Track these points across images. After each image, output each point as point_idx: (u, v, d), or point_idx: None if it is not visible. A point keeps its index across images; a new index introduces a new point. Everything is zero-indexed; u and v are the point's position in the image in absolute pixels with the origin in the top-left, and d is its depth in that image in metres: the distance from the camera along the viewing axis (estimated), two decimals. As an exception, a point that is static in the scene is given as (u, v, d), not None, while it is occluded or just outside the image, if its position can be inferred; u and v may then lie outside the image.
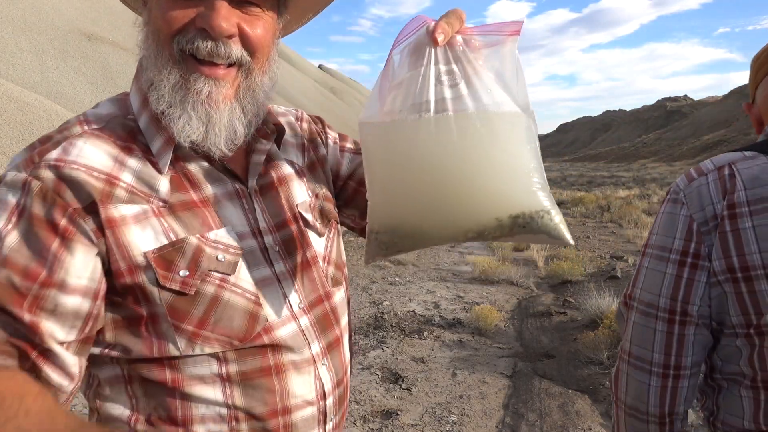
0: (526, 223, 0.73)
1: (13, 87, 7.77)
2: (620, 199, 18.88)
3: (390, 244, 0.77)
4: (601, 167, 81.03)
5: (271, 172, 0.92)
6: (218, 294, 0.78)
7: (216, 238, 0.80)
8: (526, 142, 0.75)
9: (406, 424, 3.36)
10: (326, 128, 1.09)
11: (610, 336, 4.37)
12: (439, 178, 0.72)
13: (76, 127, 0.80)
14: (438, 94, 0.74)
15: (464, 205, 0.73)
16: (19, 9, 11.39)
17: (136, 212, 0.76)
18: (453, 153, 0.72)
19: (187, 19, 0.76)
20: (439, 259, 8.77)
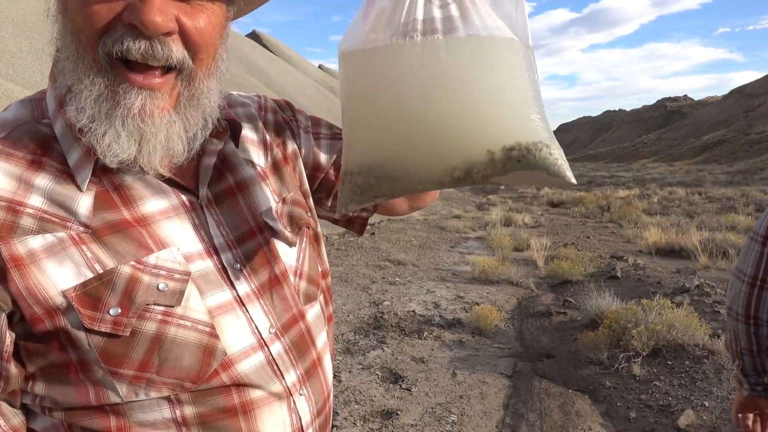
0: (521, 156, 0.63)
1: (13, 87, 7.76)
2: (620, 199, 18.88)
3: (366, 187, 0.67)
4: (601, 167, 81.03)
5: (228, 177, 0.78)
6: (161, 331, 0.66)
7: (157, 262, 0.66)
8: (524, 71, 0.67)
9: (406, 424, 3.35)
10: (296, 114, 0.95)
11: (610, 336, 4.37)
12: (424, 106, 0.64)
13: None
14: (426, 13, 0.66)
15: (451, 136, 0.63)
16: (19, 9, 11.38)
17: (48, 243, 0.62)
18: (440, 78, 0.64)
19: (112, 13, 0.60)
20: (439, 259, 8.77)
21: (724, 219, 12.01)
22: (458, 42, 0.65)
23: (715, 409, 3.32)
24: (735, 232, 10.22)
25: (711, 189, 23.70)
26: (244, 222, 0.77)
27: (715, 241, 8.60)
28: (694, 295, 5.58)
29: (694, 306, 5.06)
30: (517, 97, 0.65)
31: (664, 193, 21.49)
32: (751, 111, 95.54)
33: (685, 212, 14.76)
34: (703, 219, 12.47)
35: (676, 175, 40.33)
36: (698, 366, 3.89)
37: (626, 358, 4.06)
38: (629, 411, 3.49)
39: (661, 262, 8.25)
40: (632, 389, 3.77)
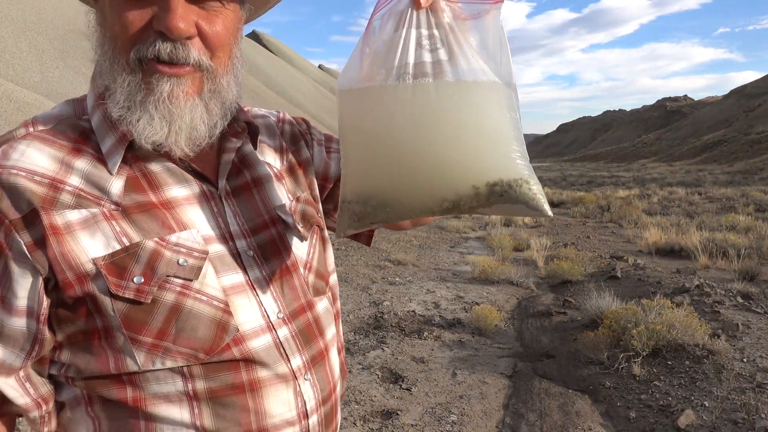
0: (503, 192, 0.70)
1: (13, 87, 7.76)
2: (620, 199, 18.88)
3: (363, 214, 0.73)
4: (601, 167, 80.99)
5: (245, 173, 0.86)
6: (179, 302, 0.72)
7: (178, 240, 0.74)
8: (506, 111, 0.73)
9: (406, 424, 3.35)
10: (311, 129, 1.04)
11: (610, 336, 4.37)
12: (415, 144, 0.70)
13: (21, 130, 0.75)
14: (417, 57, 0.72)
15: (440, 172, 0.70)
16: (19, 9, 11.39)
17: (83, 217, 0.71)
18: (430, 119, 0.70)
19: (143, 22, 0.70)
20: (439, 259, 8.77)
21: (724, 219, 12.01)
22: (446, 86, 0.71)
23: (715, 409, 3.32)
24: (735, 232, 10.22)
25: (711, 189, 23.70)
26: (258, 214, 0.84)
27: (715, 241, 8.60)
28: (694, 295, 5.58)
29: (694, 306, 5.07)
30: (499, 137, 0.72)
31: (664, 193, 21.48)
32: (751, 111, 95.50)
33: (685, 212, 14.77)
34: (703, 219, 12.47)
35: (676, 175, 40.33)
36: (698, 366, 3.89)
37: (626, 358, 4.06)
38: (629, 411, 3.49)
39: (661, 262, 8.25)
40: (632, 389, 3.77)
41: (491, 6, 0.75)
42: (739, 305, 5.27)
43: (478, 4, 0.75)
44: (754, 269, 6.85)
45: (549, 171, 63.93)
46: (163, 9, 0.69)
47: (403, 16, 0.73)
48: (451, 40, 0.74)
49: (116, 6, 0.70)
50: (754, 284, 6.28)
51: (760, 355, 3.99)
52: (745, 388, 3.53)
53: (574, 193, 20.92)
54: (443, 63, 0.72)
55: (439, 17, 0.74)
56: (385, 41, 0.73)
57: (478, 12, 0.75)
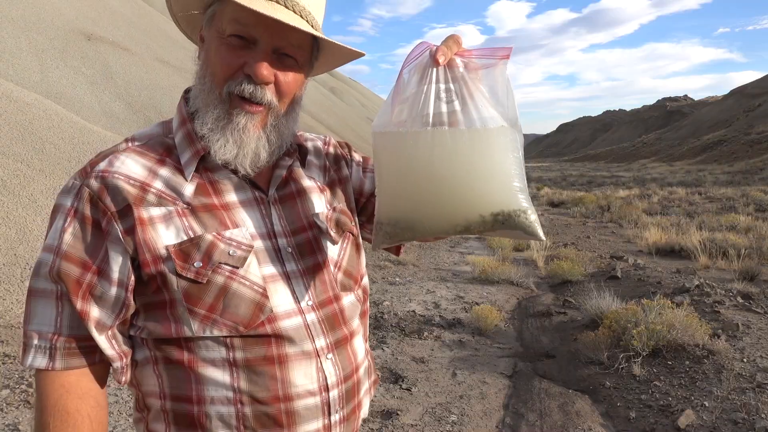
0: (504, 220, 0.86)
1: (13, 87, 7.77)
2: (620, 199, 18.88)
3: (393, 234, 0.91)
4: (601, 167, 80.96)
5: (292, 185, 1.04)
6: (227, 284, 0.89)
7: (231, 236, 0.92)
8: (509, 152, 0.88)
9: (406, 424, 3.35)
10: (352, 152, 1.22)
11: (610, 336, 4.37)
12: (434, 180, 0.86)
13: (122, 144, 0.96)
14: (436, 108, 0.88)
15: (453, 203, 0.86)
16: (19, 9, 11.39)
17: (162, 213, 0.90)
18: (445, 160, 0.86)
19: (238, 66, 0.89)
20: (439, 259, 8.77)
21: (724, 219, 12.01)
22: (459, 133, 0.87)
23: (715, 409, 3.32)
24: (735, 232, 10.21)
25: (711, 189, 23.70)
26: (298, 219, 1.02)
27: (715, 241, 8.61)
28: (694, 295, 5.58)
29: (694, 306, 5.07)
30: (503, 175, 0.87)
31: (664, 193, 21.48)
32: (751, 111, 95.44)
33: (685, 212, 14.77)
34: (703, 219, 12.47)
35: (676, 175, 40.33)
36: (698, 366, 3.89)
37: (626, 358, 4.06)
38: (629, 411, 3.49)
39: (661, 262, 8.25)
40: (632, 389, 3.77)
41: (498, 60, 0.89)
42: (739, 305, 5.27)
43: (487, 59, 0.90)
44: (754, 269, 6.85)
45: (549, 171, 63.90)
46: (254, 59, 0.89)
47: (426, 72, 0.89)
48: (464, 92, 0.88)
49: (221, 51, 0.90)
50: (754, 284, 6.28)
51: (760, 355, 3.99)
52: (745, 388, 3.53)
53: (574, 193, 20.92)
54: (457, 113, 0.88)
55: (455, 72, 0.89)
56: (411, 93, 0.89)
57: (488, 65, 0.90)
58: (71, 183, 0.92)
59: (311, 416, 0.94)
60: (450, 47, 0.88)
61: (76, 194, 0.89)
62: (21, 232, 5.32)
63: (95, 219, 0.88)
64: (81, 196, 0.89)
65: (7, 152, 6.44)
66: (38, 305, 0.88)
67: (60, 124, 7.47)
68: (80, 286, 0.87)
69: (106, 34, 12.55)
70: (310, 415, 0.94)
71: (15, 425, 3.09)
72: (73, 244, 0.87)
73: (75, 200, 0.89)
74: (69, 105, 9.37)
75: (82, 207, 0.88)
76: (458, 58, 0.89)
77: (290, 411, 0.92)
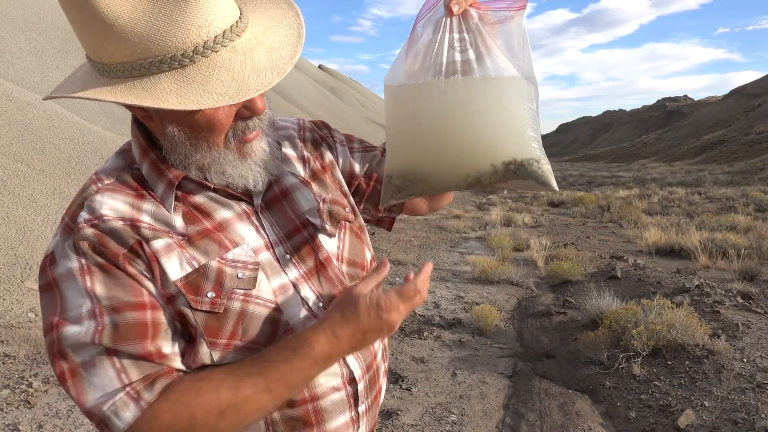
0: (517, 169, 0.84)
1: (13, 87, 7.77)
2: (620, 199, 18.88)
3: (402, 187, 0.90)
4: (601, 167, 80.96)
5: (274, 187, 0.98)
6: (244, 308, 0.86)
7: (234, 257, 0.87)
8: (524, 102, 0.86)
9: (406, 424, 3.35)
10: (332, 132, 1.15)
11: (610, 336, 4.37)
12: (446, 130, 0.84)
13: (92, 186, 0.87)
14: (449, 57, 0.86)
15: (465, 153, 0.84)
16: (19, 9, 11.38)
17: (162, 246, 0.83)
18: (458, 109, 0.84)
19: (233, 114, 0.83)
20: (439, 259, 8.77)
21: (724, 219, 12.01)
22: (472, 82, 0.85)
23: (715, 409, 3.32)
24: (735, 232, 10.21)
25: (711, 189, 23.70)
26: (290, 221, 0.97)
27: (715, 241, 8.60)
28: (694, 295, 5.58)
29: (694, 306, 5.07)
30: (516, 124, 0.85)
31: (664, 193, 21.48)
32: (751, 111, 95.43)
33: (685, 212, 14.76)
34: (703, 219, 12.47)
35: (676, 175, 40.32)
36: (698, 366, 3.89)
37: (626, 358, 4.06)
38: (629, 411, 3.49)
39: (661, 262, 8.25)
40: (632, 389, 3.76)
41: (515, 12, 0.87)
42: (739, 305, 5.27)
43: (504, 11, 0.88)
44: (754, 269, 6.85)
45: (549, 171, 63.74)
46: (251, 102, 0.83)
47: (440, 23, 0.87)
48: (479, 41, 0.86)
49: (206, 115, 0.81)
50: (754, 284, 6.28)
51: (760, 355, 3.99)
52: (745, 388, 3.53)
53: (574, 193, 20.92)
54: (471, 62, 0.86)
55: (469, 23, 0.87)
56: (424, 44, 0.88)
57: (504, 17, 0.88)
58: (60, 246, 0.81)
59: (339, 411, 0.94)
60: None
61: (76, 252, 0.80)
62: (21, 232, 5.32)
63: (114, 263, 0.80)
64: (82, 251, 0.79)
65: (7, 152, 6.44)
66: (91, 377, 0.77)
67: (60, 124, 7.47)
68: (146, 329, 0.79)
69: (106, 34, 12.51)
70: (337, 410, 0.94)
71: (15, 425, 3.09)
72: (113, 294, 0.78)
73: (79, 257, 0.79)
74: (69, 105, 9.36)
75: (93, 259, 0.79)
76: (473, 10, 0.88)
77: (318, 409, 0.92)
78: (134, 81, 0.76)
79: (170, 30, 0.72)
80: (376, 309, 0.83)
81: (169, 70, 0.75)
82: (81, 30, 0.75)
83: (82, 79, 0.80)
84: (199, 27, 0.73)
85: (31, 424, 3.12)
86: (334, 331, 0.83)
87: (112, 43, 0.73)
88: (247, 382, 0.79)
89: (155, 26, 0.72)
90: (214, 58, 0.76)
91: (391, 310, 0.83)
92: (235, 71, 0.76)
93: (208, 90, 0.75)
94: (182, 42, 0.73)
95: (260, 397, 0.80)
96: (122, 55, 0.74)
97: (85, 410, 0.77)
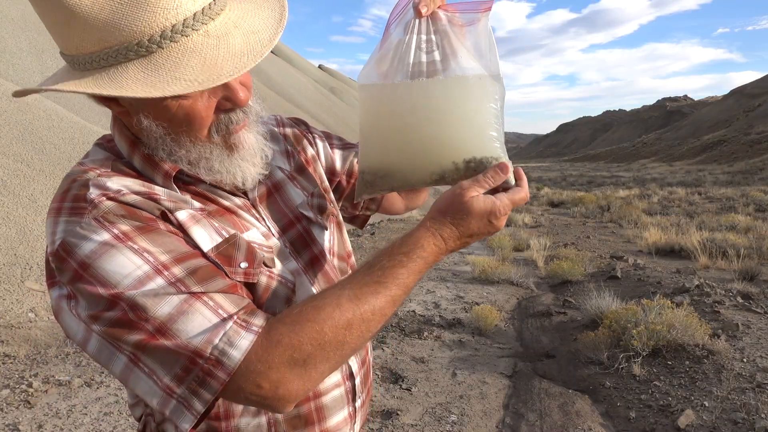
0: (476, 167, 0.86)
1: (13, 87, 7.76)
2: (620, 199, 18.88)
3: (372, 183, 0.93)
4: (601, 167, 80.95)
5: (266, 181, 0.97)
6: (269, 284, 0.85)
7: (250, 238, 0.86)
8: (487, 102, 0.88)
9: (406, 424, 3.35)
10: (310, 128, 1.15)
11: (610, 336, 4.37)
12: (410, 129, 0.87)
13: (89, 173, 0.79)
14: (416, 58, 0.88)
15: (428, 151, 0.87)
16: (19, 9, 11.38)
17: (188, 216, 0.80)
18: (421, 109, 0.87)
19: (213, 107, 0.79)
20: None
21: (724, 219, 12.01)
22: (435, 82, 0.87)
23: (715, 409, 3.32)
24: (735, 232, 10.21)
25: (711, 189, 23.70)
26: (283, 215, 0.96)
27: (715, 241, 8.60)
28: (694, 295, 5.58)
29: (694, 306, 5.06)
30: (476, 123, 0.87)
31: (664, 193, 21.48)
32: (751, 111, 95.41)
33: (685, 212, 14.77)
34: (703, 219, 12.47)
35: (676, 175, 40.32)
36: (698, 366, 3.89)
37: (626, 358, 4.06)
38: (629, 411, 3.49)
39: (661, 262, 8.25)
40: (632, 389, 3.76)
41: (481, 14, 0.89)
42: (739, 305, 5.27)
43: (471, 13, 0.90)
44: (754, 269, 6.85)
45: (549, 171, 63.89)
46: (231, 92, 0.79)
47: (409, 24, 0.89)
48: (445, 43, 0.89)
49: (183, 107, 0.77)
50: (754, 284, 6.28)
51: (760, 355, 3.99)
52: (745, 388, 3.53)
53: (574, 193, 20.92)
54: (436, 63, 0.88)
55: (437, 24, 0.89)
56: (394, 45, 0.90)
57: (472, 19, 0.90)
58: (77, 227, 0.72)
59: (338, 407, 0.95)
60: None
61: (101, 225, 0.72)
62: (21, 232, 5.32)
63: (150, 224, 0.74)
64: (109, 221, 0.72)
65: (7, 152, 6.44)
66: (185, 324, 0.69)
67: (60, 124, 7.47)
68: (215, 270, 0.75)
69: (106, 34, 12.51)
70: (337, 406, 0.95)
71: (15, 425, 3.09)
72: (167, 248, 0.73)
73: (110, 227, 0.71)
74: (69, 105, 9.36)
75: (127, 223, 0.73)
76: (442, 12, 0.90)
77: (320, 407, 0.92)
78: (102, 71, 0.72)
79: (135, 14, 0.68)
80: (489, 215, 0.82)
81: (136, 58, 0.71)
82: (49, 23, 0.72)
83: (57, 75, 0.77)
84: (166, 10, 0.69)
85: (31, 424, 3.12)
86: (442, 234, 0.82)
87: (77, 33, 0.69)
88: (367, 291, 0.76)
89: (119, 11, 0.68)
90: (185, 43, 0.71)
91: (502, 216, 0.83)
92: (207, 56, 0.72)
93: (177, 77, 0.71)
94: (149, 27, 0.69)
95: (383, 303, 0.76)
96: (89, 45, 0.70)
97: (188, 357, 0.68)
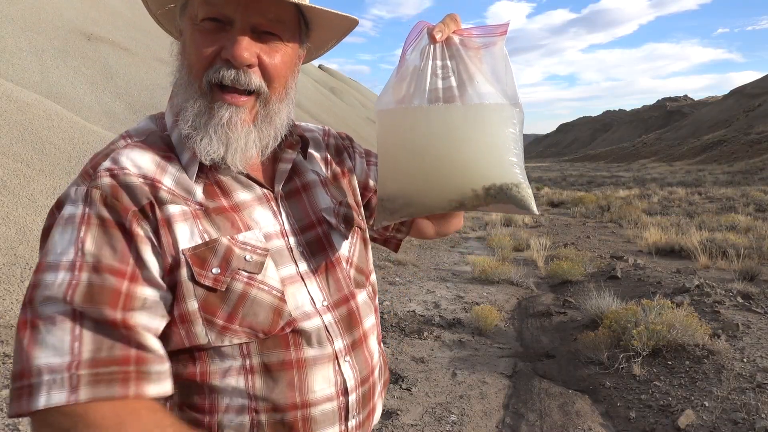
0: (496, 194, 0.86)
1: (13, 87, 7.77)
2: (620, 199, 18.87)
3: (393, 210, 0.92)
4: (601, 167, 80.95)
5: (296, 180, 0.99)
6: (246, 291, 0.84)
7: (244, 240, 0.86)
8: (505, 128, 0.88)
9: (406, 424, 3.35)
10: (353, 144, 1.17)
11: (610, 336, 4.37)
12: (428, 156, 0.87)
13: (121, 141, 0.88)
14: (432, 84, 0.88)
15: (447, 178, 0.87)
16: (19, 9, 11.38)
17: (178, 212, 0.82)
18: (439, 136, 0.86)
19: (214, 52, 0.83)
20: (439, 259, 8.77)
21: (724, 219, 12.01)
22: (453, 109, 0.87)
23: (715, 409, 3.32)
24: (735, 232, 10.21)
25: (711, 189, 23.69)
26: (306, 215, 0.97)
27: (715, 241, 8.60)
28: (694, 295, 5.58)
29: (694, 306, 5.07)
30: (496, 150, 0.87)
31: (664, 193, 21.47)
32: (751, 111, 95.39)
33: (685, 212, 14.76)
34: (703, 219, 12.47)
35: (676, 175, 40.31)
36: (698, 366, 3.89)
37: (626, 358, 4.06)
38: (629, 411, 3.49)
39: (661, 262, 8.25)
40: (632, 389, 3.76)
41: (498, 38, 0.89)
42: (739, 305, 5.27)
43: (487, 37, 0.90)
44: (754, 269, 6.85)
45: (549, 171, 63.92)
46: (230, 41, 0.82)
47: (425, 50, 0.90)
48: (461, 68, 0.89)
49: (194, 39, 0.84)
50: (754, 284, 6.28)
51: (760, 355, 3.99)
52: (745, 388, 3.53)
53: (574, 193, 20.92)
54: (453, 89, 0.88)
55: (452, 49, 0.90)
56: (410, 71, 0.90)
57: (487, 43, 0.90)
58: (74, 190, 0.80)
59: (328, 422, 0.90)
60: (447, 25, 0.88)
61: (85, 199, 0.78)
62: (21, 232, 5.32)
63: (117, 221, 0.78)
64: (92, 199, 0.78)
65: (7, 152, 6.44)
66: (46, 335, 0.71)
67: (60, 124, 7.47)
68: (118, 298, 0.75)
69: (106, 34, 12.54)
70: (327, 421, 0.90)
71: (15, 425, 3.09)
72: (100, 252, 0.75)
73: (85, 206, 0.78)
74: (69, 105, 9.36)
75: (97, 210, 0.78)
76: (456, 37, 0.90)
77: (307, 417, 0.88)
78: None
79: None
80: None
81: None
82: None
83: None
84: None
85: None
86: None
87: None
88: None
89: None
90: None
91: None
92: None
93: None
94: None
95: None
96: None
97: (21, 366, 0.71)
